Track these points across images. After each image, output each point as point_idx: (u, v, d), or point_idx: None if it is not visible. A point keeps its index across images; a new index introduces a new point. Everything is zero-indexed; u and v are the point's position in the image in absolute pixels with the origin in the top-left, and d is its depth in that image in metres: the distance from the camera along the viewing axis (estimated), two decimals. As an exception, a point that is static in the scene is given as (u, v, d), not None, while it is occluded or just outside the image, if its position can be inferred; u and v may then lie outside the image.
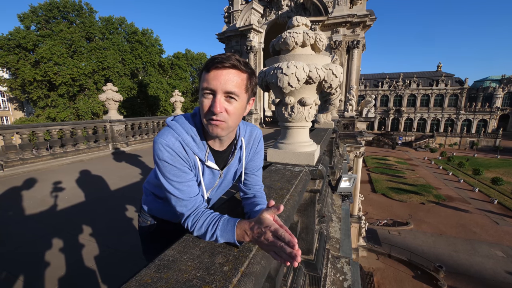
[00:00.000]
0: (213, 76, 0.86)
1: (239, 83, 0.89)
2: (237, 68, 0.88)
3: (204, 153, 1.02)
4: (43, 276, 2.57)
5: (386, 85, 62.98)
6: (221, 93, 0.87)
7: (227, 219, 0.90)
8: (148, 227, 1.41)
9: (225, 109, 0.89)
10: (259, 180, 1.25)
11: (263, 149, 1.28)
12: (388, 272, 17.29)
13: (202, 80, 0.89)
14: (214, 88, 0.86)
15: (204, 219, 0.92)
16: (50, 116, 23.19)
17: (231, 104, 0.90)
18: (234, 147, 1.13)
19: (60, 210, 4.15)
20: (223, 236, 0.86)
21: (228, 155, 1.13)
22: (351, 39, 14.49)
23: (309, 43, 2.00)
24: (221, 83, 0.85)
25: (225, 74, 0.86)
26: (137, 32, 28.93)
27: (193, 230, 0.93)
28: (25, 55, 22.51)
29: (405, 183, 33.86)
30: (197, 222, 0.92)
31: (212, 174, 1.10)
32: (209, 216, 0.93)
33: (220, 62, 0.85)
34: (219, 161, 1.11)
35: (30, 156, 6.75)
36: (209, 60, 0.88)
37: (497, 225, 23.02)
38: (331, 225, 3.76)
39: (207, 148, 1.03)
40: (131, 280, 0.70)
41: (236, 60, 0.88)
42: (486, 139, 53.93)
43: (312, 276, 2.12)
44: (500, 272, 16.74)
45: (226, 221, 0.88)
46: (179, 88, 31.79)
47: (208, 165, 1.05)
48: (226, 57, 0.87)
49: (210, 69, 0.86)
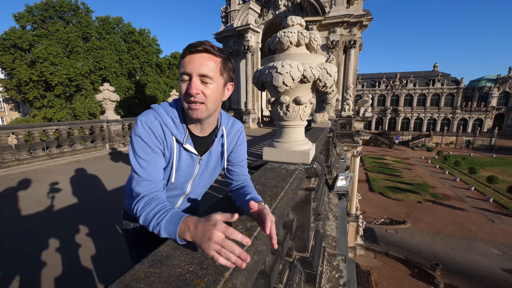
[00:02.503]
0: (188, 61, 0.90)
1: (213, 66, 0.92)
2: (210, 52, 0.92)
3: (183, 136, 1.05)
4: (40, 276, 2.57)
5: (383, 84, 63.33)
6: (196, 75, 0.91)
7: (177, 212, 0.84)
8: (132, 230, 1.37)
9: (201, 91, 0.93)
10: (244, 170, 1.29)
11: (246, 141, 1.32)
12: (386, 270, 17.41)
13: (179, 66, 0.94)
14: (189, 71, 0.90)
15: (155, 205, 0.88)
16: (47, 116, 23.03)
17: (207, 87, 0.93)
18: (215, 135, 1.16)
19: (57, 211, 4.14)
20: (166, 228, 0.80)
21: (209, 142, 1.16)
22: (348, 39, 14.57)
23: (304, 43, 2.02)
24: (195, 66, 0.90)
25: (198, 58, 0.90)
26: (134, 32, 28.82)
27: (140, 215, 0.88)
28: (21, 55, 22.31)
29: (402, 182, 34.10)
30: (147, 207, 0.88)
31: (190, 158, 1.12)
32: (160, 204, 0.88)
33: (193, 47, 0.90)
34: (199, 146, 1.13)
35: (26, 157, 6.70)
36: (185, 47, 0.93)
37: (493, 223, 23.27)
38: (328, 223, 3.79)
39: (187, 132, 1.06)
40: (124, 275, 0.72)
41: (209, 45, 0.92)
42: (482, 138, 54.46)
43: (307, 273, 2.14)
44: (496, 270, 16.93)
45: (175, 214, 0.82)
46: (176, 88, 31.62)
47: (186, 147, 1.07)
48: (199, 42, 0.91)
49: (185, 54, 0.91)
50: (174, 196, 1.25)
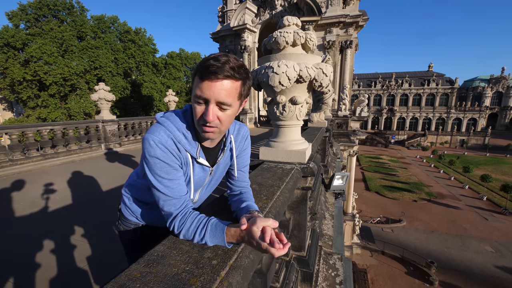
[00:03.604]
0: (207, 86, 0.85)
1: (232, 92, 0.88)
2: (231, 78, 0.86)
3: (196, 150, 1.03)
4: (34, 277, 2.54)
5: (379, 84, 63.83)
6: (214, 102, 0.87)
7: (215, 223, 0.88)
8: (131, 233, 1.36)
9: (217, 117, 0.90)
10: (245, 176, 1.27)
11: (250, 146, 1.30)
12: (382, 268, 17.57)
13: (195, 85, 0.88)
14: (207, 97, 0.86)
15: (191, 220, 0.90)
16: (41, 116, 22.72)
17: (224, 112, 0.91)
18: (224, 144, 1.15)
19: (51, 211, 4.09)
20: (213, 241, 0.86)
21: (217, 152, 1.15)
22: (344, 39, 14.64)
23: (300, 43, 2.03)
24: (214, 93, 0.85)
25: (218, 85, 0.85)
26: (130, 31, 28.58)
27: (179, 232, 0.91)
28: (14, 54, 21.96)
29: (398, 181, 34.42)
30: (184, 224, 0.91)
31: (203, 171, 1.11)
32: (196, 218, 0.91)
33: (214, 73, 0.83)
34: (209, 157, 1.12)
35: (20, 157, 6.61)
36: (203, 67, 0.85)
37: (486, 221, 23.63)
38: (324, 222, 3.81)
39: (198, 145, 1.04)
40: (120, 275, 0.71)
41: (230, 70, 0.84)
42: (476, 138, 55.23)
43: (304, 272, 2.15)
44: (489, 267, 17.20)
45: (215, 226, 0.87)
46: (173, 88, 31.55)
47: (199, 161, 1.05)
48: (220, 66, 0.83)
49: (204, 78, 0.85)
50: None
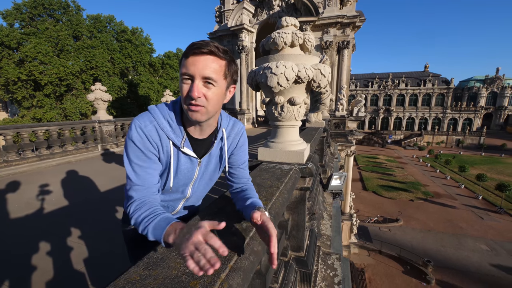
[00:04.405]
0: (191, 62, 0.87)
1: (217, 69, 0.90)
2: (215, 54, 0.89)
3: (181, 139, 1.02)
4: (30, 279, 2.51)
5: (376, 85, 64.24)
6: (199, 78, 0.88)
7: (167, 217, 0.85)
8: (132, 231, 1.35)
9: (203, 94, 0.90)
10: (245, 172, 1.26)
11: (247, 143, 1.29)
12: (379, 268, 17.66)
13: (181, 66, 0.91)
14: (192, 73, 0.87)
15: (146, 208, 0.89)
16: (36, 116, 22.44)
17: (209, 90, 0.91)
18: (215, 137, 1.14)
19: (47, 213, 4.04)
20: (153, 232, 0.81)
21: (208, 144, 1.14)
22: (341, 39, 14.70)
23: (298, 43, 2.03)
24: (198, 68, 0.87)
25: (202, 60, 0.87)
26: (127, 31, 28.36)
27: (131, 218, 0.91)
28: (9, 54, 21.67)
29: (395, 181, 34.66)
30: (137, 211, 0.90)
31: (190, 161, 1.10)
32: (152, 208, 0.90)
33: (198, 48, 0.86)
34: (198, 149, 1.11)
35: (14, 158, 6.53)
36: (188, 46, 0.89)
37: (482, 220, 23.90)
38: (322, 222, 3.82)
39: (184, 135, 1.04)
40: (119, 278, 0.70)
41: (214, 47, 0.88)
42: (471, 137, 55.85)
43: (303, 272, 2.15)
44: (485, 265, 17.40)
45: (164, 219, 0.83)
46: (170, 88, 31.36)
47: (184, 151, 1.05)
48: (204, 43, 0.88)
49: (189, 55, 0.87)
50: (174, 199, 1.24)
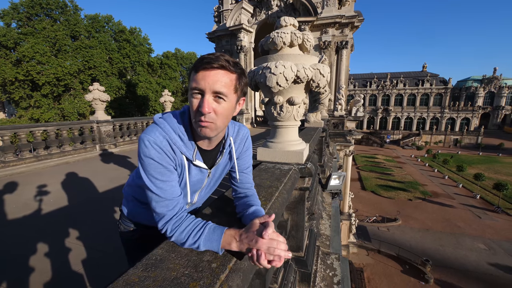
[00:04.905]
0: (202, 77, 0.86)
1: (227, 83, 0.88)
2: (226, 68, 0.88)
3: (192, 152, 1.01)
4: (28, 281, 2.49)
5: (374, 84, 64.42)
6: (209, 93, 0.87)
7: (214, 226, 0.88)
8: (131, 233, 1.36)
9: (213, 110, 0.88)
10: (249, 178, 1.25)
11: (251, 147, 1.28)
12: (378, 267, 17.71)
13: (191, 79, 0.89)
14: (202, 88, 0.86)
15: (187, 224, 0.89)
16: (34, 117, 22.31)
17: (219, 105, 0.89)
18: (223, 146, 1.13)
19: (45, 214, 4.02)
20: (206, 244, 0.84)
21: (216, 154, 1.13)
22: (340, 39, 14.73)
23: (297, 43, 2.03)
24: (209, 83, 0.86)
25: (213, 75, 0.86)
26: (125, 31, 28.24)
27: (172, 235, 0.89)
28: (6, 54, 21.54)
29: (393, 180, 34.77)
30: (179, 227, 0.89)
31: (200, 173, 1.10)
32: (192, 221, 0.91)
33: (208, 63, 0.85)
34: (207, 160, 1.10)
35: (12, 159, 6.48)
36: (198, 60, 0.88)
37: (480, 219, 24.02)
38: (321, 222, 3.82)
39: (195, 147, 1.03)
40: (118, 280, 0.70)
41: (225, 61, 0.87)
42: (469, 137, 56.14)
43: (302, 272, 2.15)
44: (483, 264, 17.49)
45: (213, 229, 0.86)
46: (169, 88, 31.27)
47: (196, 164, 1.04)
48: (214, 58, 0.86)
49: (199, 69, 0.86)
50: None
